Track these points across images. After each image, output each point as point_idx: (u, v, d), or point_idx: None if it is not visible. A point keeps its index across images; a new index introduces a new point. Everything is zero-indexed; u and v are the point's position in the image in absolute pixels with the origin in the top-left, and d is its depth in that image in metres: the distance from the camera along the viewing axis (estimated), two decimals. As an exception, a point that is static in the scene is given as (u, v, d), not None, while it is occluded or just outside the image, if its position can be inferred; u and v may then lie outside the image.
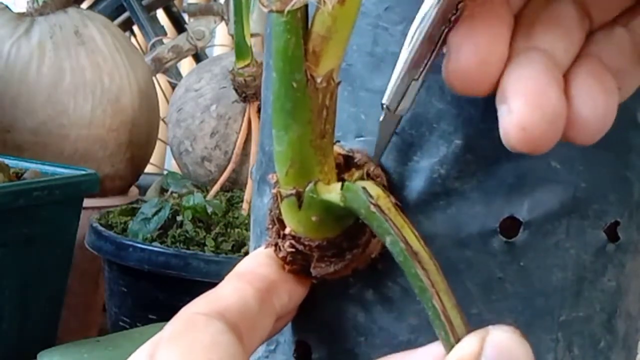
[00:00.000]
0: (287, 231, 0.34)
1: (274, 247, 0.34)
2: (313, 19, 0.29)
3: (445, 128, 0.33)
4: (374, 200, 0.30)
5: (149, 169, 1.40)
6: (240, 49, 1.06)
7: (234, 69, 1.08)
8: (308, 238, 0.33)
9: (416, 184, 0.34)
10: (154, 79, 1.41)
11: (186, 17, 1.75)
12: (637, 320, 0.38)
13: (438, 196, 0.34)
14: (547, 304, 0.34)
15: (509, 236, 0.34)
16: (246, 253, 0.41)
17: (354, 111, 0.35)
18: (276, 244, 0.34)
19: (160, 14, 1.84)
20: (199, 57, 1.68)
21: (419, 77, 0.31)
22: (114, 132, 1.25)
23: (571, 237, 0.34)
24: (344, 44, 0.30)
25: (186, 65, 1.82)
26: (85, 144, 1.23)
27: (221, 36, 1.82)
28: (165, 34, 1.72)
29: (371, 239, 0.33)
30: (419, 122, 0.33)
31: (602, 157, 0.34)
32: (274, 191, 0.33)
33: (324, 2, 0.28)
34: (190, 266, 0.97)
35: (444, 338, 0.28)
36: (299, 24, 0.29)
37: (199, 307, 0.31)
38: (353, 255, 0.33)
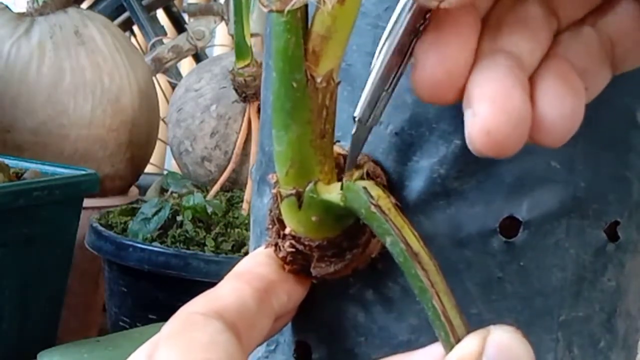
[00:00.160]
0: (287, 231, 0.34)
1: (274, 247, 0.34)
2: (313, 18, 0.29)
3: (445, 128, 0.33)
4: (374, 201, 0.30)
5: (149, 169, 1.40)
6: (240, 49, 1.06)
7: (234, 69, 1.08)
8: (308, 238, 0.33)
9: (416, 184, 0.34)
10: (154, 79, 1.41)
11: (186, 17, 1.75)
12: (637, 319, 0.38)
13: (438, 196, 0.34)
14: (547, 303, 0.34)
15: (508, 236, 0.34)
16: (246, 253, 0.41)
17: (353, 111, 0.35)
18: (276, 244, 0.34)
19: (160, 14, 1.84)
20: (199, 57, 1.68)
21: (389, 87, 0.31)
22: (114, 132, 1.25)
23: (571, 237, 0.34)
24: (343, 43, 0.30)
25: (186, 65, 1.82)
26: (85, 144, 1.23)
27: (221, 36, 1.82)
28: (165, 34, 1.72)
29: (371, 238, 0.33)
30: (418, 122, 0.33)
31: (601, 157, 0.34)
32: (274, 191, 0.33)
33: (324, 1, 0.28)
34: (190, 266, 0.97)
35: (444, 338, 0.28)
36: (299, 24, 0.29)
37: (197, 307, 0.31)
38: (353, 255, 0.33)
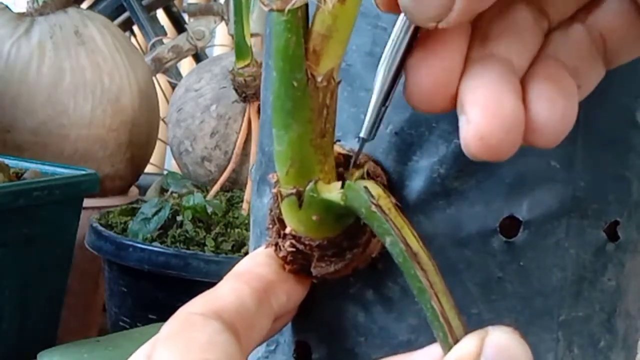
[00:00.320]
0: (288, 231, 0.34)
1: (274, 247, 0.34)
2: (313, 17, 0.29)
3: (444, 128, 0.33)
4: (375, 200, 0.30)
5: (149, 169, 1.40)
6: (240, 49, 1.06)
7: (234, 69, 1.08)
8: (308, 237, 0.33)
9: (416, 183, 0.34)
10: (154, 79, 1.41)
11: (186, 17, 1.75)
12: (636, 319, 0.38)
13: (438, 196, 0.34)
14: (547, 303, 0.34)
15: (508, 236, 0.34)
16: (246, 253, 0.41)
17: (354, 111, 0.35)
18: (276, 244, 0.34)
19: (160, 14, 1.84)
20: (199, 57, 1.68)
21: (388, 102, 0.31)
22: (114, 132, 1.25)
23: (571, 237, 0.34)
24: (344, 43, 0.30)
25: (186, 65, 1.82)
26: (85, 144, 1.23)
27: (221, 36, 1.82)
28: (165, 34, 1.72)
29: (371, 238, 0.33)
30: (418, 121, 0.33)
31: (601, 156, 0.34)
32: (274, 191, 0.33)
33: (325, 1, 0.28)
34: (190, 266, 0.97)
35: (442, 339, 0.28)
36: (300, 23, 0.29)
37: (196, 307, 0.31)
38: (353, 255, 0.33)
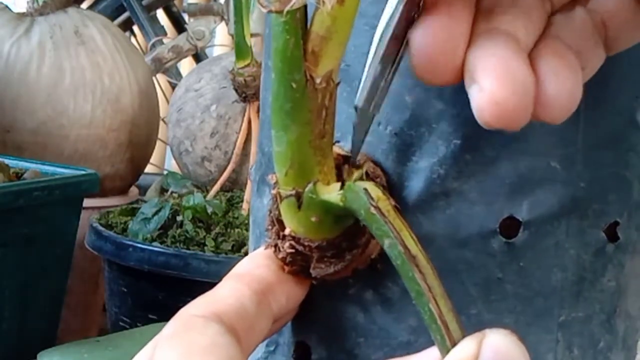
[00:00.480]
0: (287, 232, 0.34)
1: (273, 248, 0.34)
2: (312, 19, 0.29)
3: (444, 128, 0.33)
4: (374, 202, 0.30)
5: (149, 169, 1.40)
6: (240, 49, 1.06)
7: (234, 69, 1.08)
8: (308, 239, 0.33)
9: (415, 184, 0.34)
10: (154, 79, 1.41)
11: (186, 17, 1.75)
12: (636, 320, 0.38)
13: (437, 196, 0.34)
14: (547, 304, 0.34)
15: (508, 236, 0.34)
16: (246, 253, 0.41)
17: (353, 112, 0.35)
18: (276, 245, 0.34)
19: (160, 14, 1.84)
20: (199, 57, 1.68)
21: (388, 76, 0.31)
22: (114, 132, 1.25)
23: (571, 237, 0.34)
24: (343, 44, 0.30)
25: (186, 65, 1.82)
26: (85, 144, 1.23)
27: (221, 36, 1.82)
28: (165, 34, 1.72)
29: (370, 239, 0.33)
30: (418, 122, 0.33)
31: (601, 157, 0.34)
32: (273, 192, 0.33)
33: (323, 2, 0.28)
34: (190, 266, 0.97)
35: (440, 342, 0.28)
36: (298, 24, 0.29)
37: (197, 309, 0.31)
38: (353, 256, 0.33)
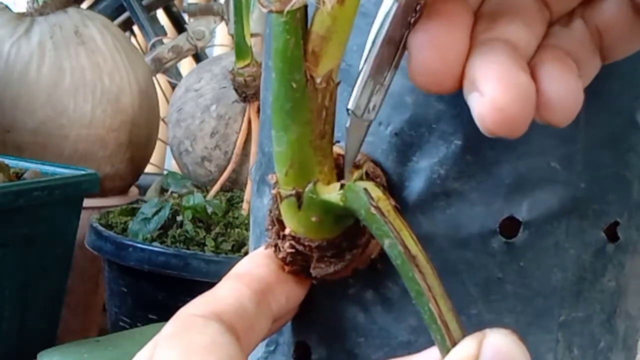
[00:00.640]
0: (287, 232, 0.34)
1: (273, 248, 0.34)
2: (312, 19, 0.29)
3: (444, 129, 0.33)
4: (374, 202, 0.30)
5: (149, 169, 1.40)
6: (240, 49, 1.06)
7: (234, 69, 1.08)
8: (308, 238, 0.33)
9: (416, 184, 0.34)
10: (154, 79, 1.41)
11: (186, 17, 1.75)
12: (636, 320, 0.38)
13: (437, 197, 0.34)
14: (547, 304, 0.34)
15: (508, 236, 0.34)
16: (246, 253, 0.41)
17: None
18: (276, 245, 0.34)
19: (160, 14, 1.84)
20: (199, 57, 1.68)
21: (385, 81, 0.31)
22: (114, 132, 1.25)
23: (571, 238, 0.34)
24: (343, 44, 0.30)
25: (186, 65, 1.82)
26: (85, 144, 1.23)
27: (221, 36, 1.82)
28: (165, 34, 1.72)
29: (370, 239, 0.33)
30: (418, 122, 0.33)
31: (601, 157, 0.34)
32: (273, 192, 0.33)
33: (323, 2, 0.28)
34: (190, 266, 0.97)
35: (440, 342, 0.28)
36: (299, 24, 0.29)
37: (196, 309, 0.31)
38: (353, 256, 0.33)
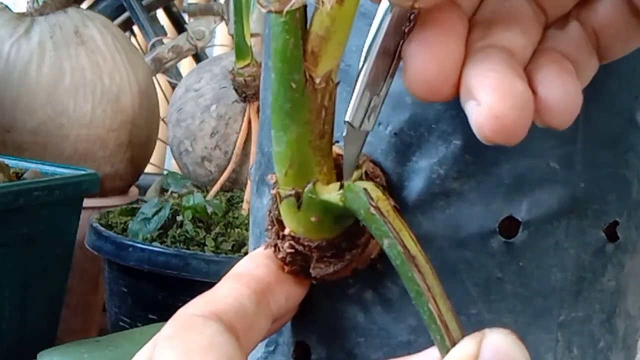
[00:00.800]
0: (287, 232, 0.34)
1: (273, 248, 0.34)
2: (312, 19, 0.29)
3: (444, 128, 0.33)
4: (374, 202, 0.30)
5: (149, 169, 1.40)
6: (240, 49, 1.05)
7: (234, 69, 1.08)
8: (307, 239, 0.33)
9: (415, 184, 0.34)
10: (154, 79, 1.41)
11: (186, 17, 1.75)
12: (636, 319, 0.38)
13: (437, 196, 0.34)
14: (547, 303, 0.34)
15: (508, 236, 0.34)
16: (246, 253, 0.41)
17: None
18: (275, 245, 0.34)
19: (160, 14, 1.84)
20: (199, 57, 1.68)
21: (380, 91, 0.31)
22: (114, 132, 1.25)
23: (570, 237, 0.34)
24: (342, 44, 0.30)
25: (186, 65, 1.82)
26: (85, 144, 1.23)
27: (221, 36, 1.82)
28: (165, 34, 1.72)
29: (370, 239, 0.33)
30: (417, 122, 0.33)
31: (600, 157, 0.34)
32: (273, 192, 0.33)
33: (323, 2, 0.28)
34: (190, 266, 0.97)
35: (439, 342, 0.28)
36: (298, 25, 0.29)
37: (196, 309, 0.31)
38: (352, 256, 0.33)
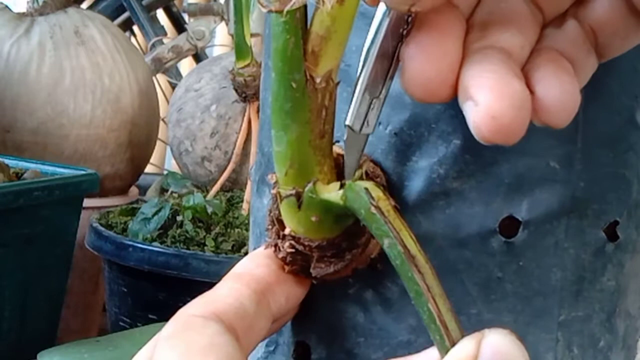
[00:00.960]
0: (287, 231, 0.34)
1: (273, 248, 0.34)
2: (312, 18, 0.29)
3: (444, 128, 0.33)
4: (374, 202, 0.30)
5: (149, 169, 1.40)
6: (240, 49, 1.05)
7: (234, 69, 1.08)
8: (308, 238, 0.33)
9: (415, 184, 0.34)
10: (154, 79, 1.41)
11: (186, 17, 1.75)
12: (636, 319, 0.38)
13: (437, 196, 0.34)
14: (547, 303, 0.34)
15: (508, 236, 0.34)
16: (246, 253, 0.41)
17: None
18: (276, 245, 0.34)
19: (160, 14, 1.84)
20: (199, 57, 1.68)
21: (380, 94, 0.31)
22: (114, 132, 1.25)
23: (570, 237, 0.34)
24: (343, 44, 0.30)
25: (186, 65, 1.82)
26: (85, 144, 1.23)
27: (221, 36, 1.82)
28: (165, 34, 1.72)
29: (370, 239, 0.33)
30: (417, 122, 0.33)
31: (600, 156, 0.34)
32: (273, 192, 0.33)
33: (323, 2, 0.28)
34: (190, 266, 0.97)
35: (439, 342, 0.28)
36: (298, 24, 0.29)
37: (196, 309, 0.31)
38: (352, 256, 0.33)
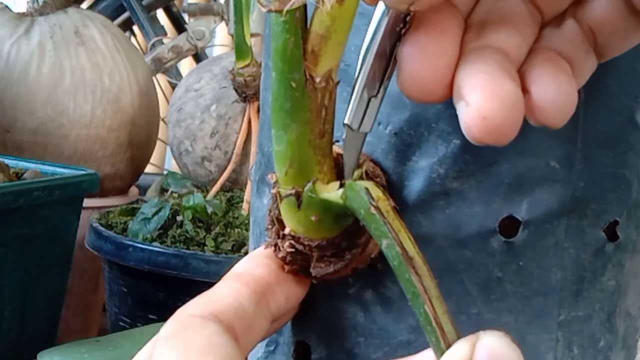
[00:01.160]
0: (287, 231, 0.34)
1: (273, 248, 0.34)
2: (312, 18, 0.29)
3: (444, 128, 0.33)
4: (374, 202, 0.30)
5: (149, 169, 1.40)
6: (240, 49, 1.05)
7: (234, 69, 1.08)
8: (307, 238, 0.33)
9: (415, 183, 0.34)
10: (154, 79, 1.41)
11: (186, 17, 1.75)
12: (636, 319, 0.38)
13: (437, 196, 0.34)
14: (547, 303, 0.34)
15: (508, 236, 0.34)
16: (246, 253, 0.41)
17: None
18: (276, 244, 0.34)
19: (160, 14, 1.84)
20: (199, 57, 1.68)
21: (378, 93, 0.31)
22: (114, 132, 1.25)
23: (570, 237, 0.34)
24: (342, 43, 0.30)
25: (186, 65, 1.82)
26: (85, 144, 1.23)
27: (221, 36, 1.82)
28: (165, 34, 1.72)
29: (370, 239, 0.33)
30: (417, 122, 0.33)
31: (600, 156, 0.34)
32: (273, 191, 0.33)
33: (323, 1, 0.28)
34: (190, 266, 0.97)
35: (434, 344, 0.28)
36: (298, 24, 0.29)
37: (195, 309, 0.31)
38: (352, 255, 0.33)
